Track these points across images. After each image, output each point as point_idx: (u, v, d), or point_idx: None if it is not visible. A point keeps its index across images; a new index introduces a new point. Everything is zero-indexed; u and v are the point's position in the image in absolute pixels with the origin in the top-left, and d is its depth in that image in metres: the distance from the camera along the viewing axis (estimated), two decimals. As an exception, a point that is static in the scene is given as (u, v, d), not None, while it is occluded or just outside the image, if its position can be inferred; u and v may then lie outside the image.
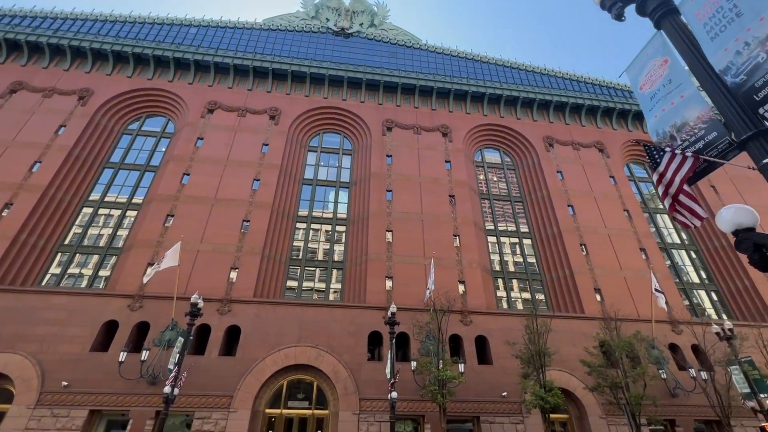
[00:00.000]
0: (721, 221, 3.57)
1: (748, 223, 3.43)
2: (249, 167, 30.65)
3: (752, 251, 3.32)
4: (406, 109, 37.49)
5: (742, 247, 3.41)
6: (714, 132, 3.79)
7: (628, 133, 39.89)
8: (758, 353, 24.09)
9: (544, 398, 19.44)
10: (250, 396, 21.07)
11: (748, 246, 3.35)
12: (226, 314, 23.60)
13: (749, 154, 3.41)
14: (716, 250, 33.74)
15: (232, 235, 27.03)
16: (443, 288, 24.83)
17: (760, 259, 3.30)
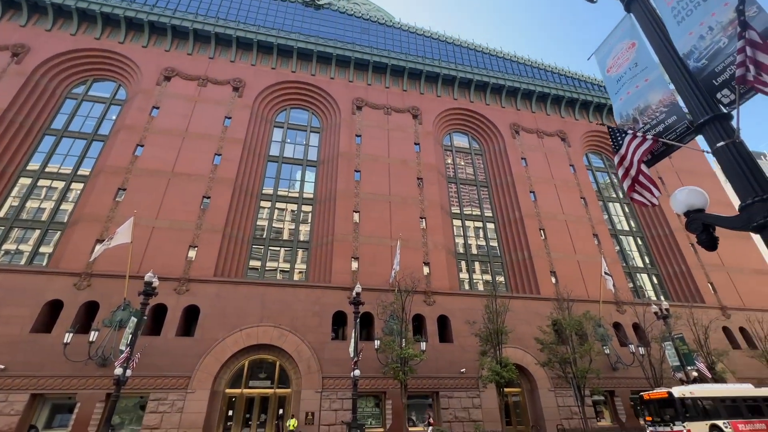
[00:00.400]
0: (674, 202, 3.71)
1: (698, 204, 3.59)
2: (210, 141, 29.05)
3: (701, 231, 3.48)
4: (377, 88, 36.79)
5: (692, 227, 3.57)
6: (674, 116, 3.91)
7: (588, 124, 41.56)
8: (689, 331, 26.67)
9: (500, 373, 20.51)
10: (210, 376, 20.60)
11: (697, 226, 3.51)
12: (184, 294, 22.67)
13: (705, 137, 3.53)
14: (659, 237, 36.45)
15: (191, 211, 25.73)
16: (408, 269, 25.18)
17: (708, 239, 3.47)
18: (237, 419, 20.95)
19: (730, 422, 18.30)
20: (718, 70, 3.47)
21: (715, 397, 19.13)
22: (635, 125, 4.35)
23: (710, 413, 18.49)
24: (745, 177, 3.15)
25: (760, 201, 3.01)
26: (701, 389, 19.66)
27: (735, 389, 20.73)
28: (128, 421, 19.49)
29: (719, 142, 3.36)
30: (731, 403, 19.33)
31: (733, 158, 3.24)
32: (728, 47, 3.35)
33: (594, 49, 5.07)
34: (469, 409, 22.91)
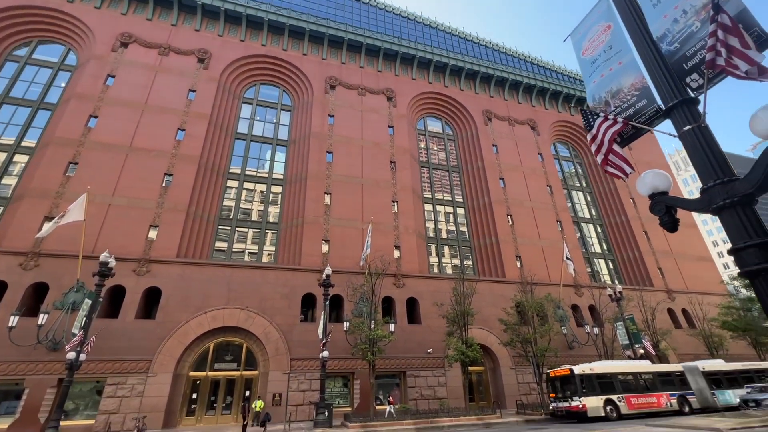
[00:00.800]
0: (641, 184, 3.80)
1: (662, 187, 3.69)
2: (172, 115, 27.37)
3: (663, 213, 3.59)
4: (352, 68, 35.86)
5: (655, 209, 3.68)
6: (644, 99, 3.97)
7: (557, 114, 42.70)
8: (638, 312, 28.62)
9: (465, 353, 21.23)
10: (172, 359, 19.98)
11: (660, 208, 3.62)
12: (145, 275, 21.65)
13: (672, 121, 3.61)
14: (616, 225, 38.54)
15: (151, 189, 24.35)
16: (379, 252, 25.25)
17: (670, 221, 3.59)
18: (201, 402, 20.57)
19: (625, 396, 19.34)
20: (689, 54, 3.53)
21: (613, 374, 20.02)
22: (607, 108, 4.40)
23: (606, 389, 19.31)
24: (707, 160, 3.25)
25: (720, 184, 3.12)
26: (601, 366, 20.49)
27: (632, 365, 21.53)
28: (83, 406, 18.64)
29: (686, 126, 3.44)
30: (628, 378, 20.32)
31: (698, 142, 3.33)
32: (700, 31, 3.41)
33: (570, 33, 5.05)
34: (434, 387, 23.67)
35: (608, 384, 19.59)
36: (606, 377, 19.75)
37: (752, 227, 2.93)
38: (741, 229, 2.97)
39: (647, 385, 20.65)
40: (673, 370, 22.13)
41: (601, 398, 18.80)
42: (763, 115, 2.84)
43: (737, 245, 2.98)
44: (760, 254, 2.85)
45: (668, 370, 22.14)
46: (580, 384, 18.86)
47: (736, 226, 3.01)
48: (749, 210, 2.97)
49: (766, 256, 2.82)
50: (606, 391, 19.25)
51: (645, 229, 37.81)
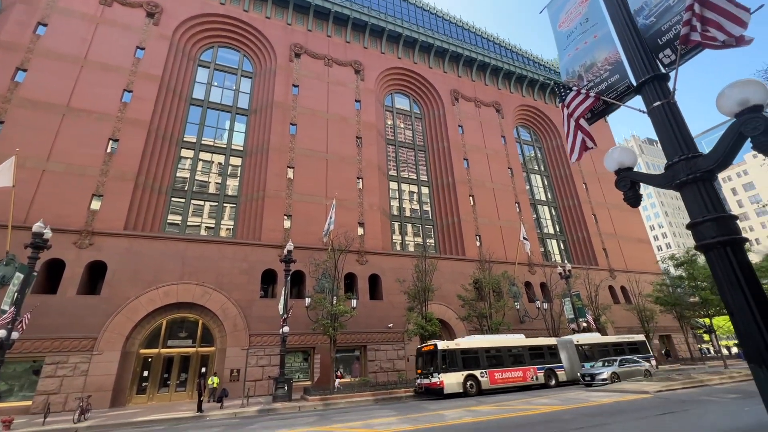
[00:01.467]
0: (608, 160, 3.86)
1: (628, 163, 3.76)
2: (117, 74, 24.84)
3: (628, 188, 3.66)
4: (318, 36, 34.17)
5: (621, 184, 3.75)
6: (617, 74, 3.99)
7: (522, 98, 43.63)
8: (584, 289, 30.79)
9: (425, 327, 21.90)
10: (120, 337, 18.92)
11: (626, 183, 3.69)
12: (87, 248, 20.03)
13: (642, 97, 3.65)
14: (569, 208, 40.75)
15: (93, 155, 22.23)
16: (343, 228, 25.02)
17: (633, 196, 3.69)
18: (153, 379, 19.80)
19: (488, 371, 18.89)
20: (664, 28, 3.54)
21: (479, 348, 19.46)
22: (580, 82, 4.39)
23: (470, 364, 18.76)
24: (674, 136, 3.31)
25: (684, 159, 3.20)
26: (468, 341, 20.03)
27: (502, 340, 21.10)
28: (18, 387, 17.29)
29: (655, 102, 3.48)
30: (495, 353, 19.87)
31: (666, 118, 3.39)
32: (677, 5, 3.40)
33: (546, 4, 4.95)
34: (393, 360, 24.35)
35: (473, 359, 19.03)
36: (471, 352, 19.21)
37: (711, 202, 3.03)
38: (700, 205, 3.07)
39: (517, 359, 20.30)
40: (545, 344, 22.16)
41: (463, 374, 18.23)
42: (730, 92, 2.89)
43: (696, 219, 3.08)
44: (716, 228, 2.97)
45: (540, 344, 22.00)
46: (441, 360, 18.10)
47: (696, 201, 3.11)
48: (709, 186, 3.07)
49: (721, 231, 2.94)
50: (470, 366, 18.70)
51: (594, 212, 40.31)
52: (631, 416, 9.70)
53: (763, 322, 2.67)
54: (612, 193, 43.12)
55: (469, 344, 19.63)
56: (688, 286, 28.57)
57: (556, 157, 43.37)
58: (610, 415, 9.95)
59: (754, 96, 2.80)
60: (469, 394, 17.99)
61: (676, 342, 36.57)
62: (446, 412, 12.22)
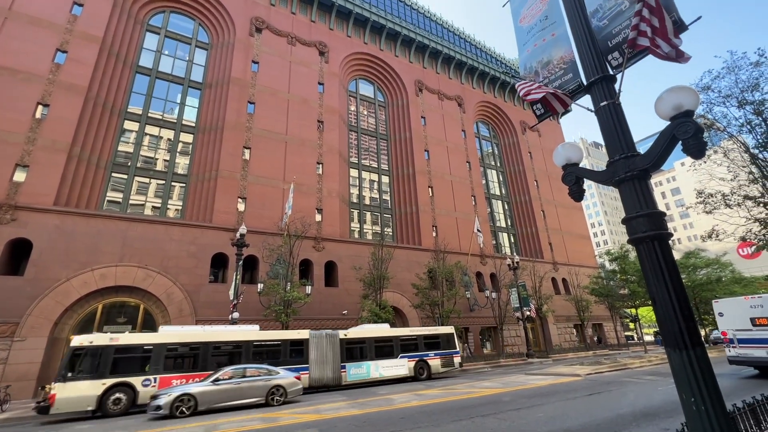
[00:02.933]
0: (556, 155, 4.03)
1: (575, 158, 3.96)
2: (49, 30, 22.16)
3: (573, 183, 3.85)
4: (282, 12, 32.60)
5: (566, 179, 3.94)
6: (570, 73, 4.16)
7: (483, 94, 44.75)
8: (530, 280, 32.66)
9: (378, 314, 22.18)
10: (48, 322, 17.31)
11: (571, 178, 3.88)
12: (8, 224, 17.97)
13: (591, 96, 3.83)
14: (520, 204, 42.81)
15: (18, 121, 19.81)
16: (300, 213, 24.49)
17: (577, 190, 3.90)
18: (86, 368, 18.34)
19: (159, 377, 13.45)
20: (615, 31, 3.72)
21: (133, 346, 13.60)
22: (536, 78, 4.53)
23: (112, 368, 12.93)
24: (617, 136, 3.52)
25: (624, 158, 3.41)
26: (128, 337, 14.03)
27: (184, 333, 14.91)
28: None
29: (602, 102, 3.66)
30: (181, 351, 14.50)
31: (611, 118, 3.58)
32: (629, 10, 3.58)
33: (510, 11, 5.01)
34: (347, 347, 24.44)
35: (134, 360, 13.51)
36: (130, 350, 13.55)
37: (644, 199, 3.26)
38: (635, 201, 3.29)
39: (202, 360, 14.51)
40: (287, 338, 16.66)
41: (103, 383, 12.49)
42: (666, 96, 3.10)
43: (630, 215, 3.31)
44: (646, 223, 3.20)
45: (272, 338, 16.46)
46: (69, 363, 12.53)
47: (631, 197, 3.33)
48: (644, 184, 3.30)
49: (651, 226, 3.18)
50: (116, 371, 12.96)
51: (543, 209, 42.68)
52: (563, 397, 10.52)
53: (680, 311, 2.94)
54: (559, 191, 45.84)
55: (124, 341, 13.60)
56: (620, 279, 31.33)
57: (512, 154, 45.20)
58: (544, 396, 10.72)
59: (686, 101, 3.03)
60: None
61: (607, 330, 40.10)
62: (395, 396, 12.54)
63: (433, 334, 20.83)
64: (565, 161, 3.97)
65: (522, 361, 26.14)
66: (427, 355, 19.69)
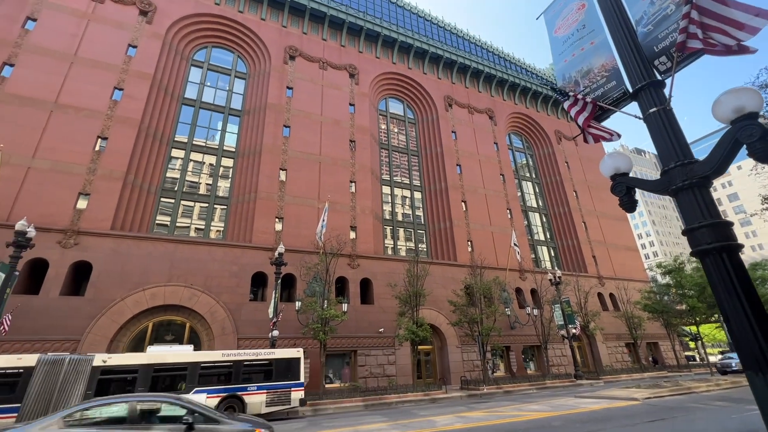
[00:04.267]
0: (603, 166, 3.87)
1: (624, 168, 3.78)
2: (108, 71, 24.48)
3: (624, 193, 3.67)
4: (314, 39, 34.17)
5: (616, 189, 3.76)
6: (613, 81, 4.02)
7: (514, 106, 44.12)
8: (573, 295, 31.04)
9: (416, 332, 21.80)
10: (105, 339, 18.46)
11: (621, 188, 3.70)
12: (72, 248, 19.56)
13: (639, 104, 3.67)
14: (559, 215, 41.17)
15: (81, 153, 21.81)
16: (335, 232, 24.88)
17: (628, 201, 3.69)
18: (138, 384, 19.26)
19: None
20: (661, 36, 3.58)
21: None
22: (576, 88, 4.41)
23: None
24: (670, 142, 3.33)
25: (680, 165, 3.21)
26: None
27: None
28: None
29: (651, 109, 3.50)
30: None
31: (662, 124, 3.41)
32: (675, 14, 3.44)
33: (543, 10, 4.97)
34: (384, 366, 24.17)
35: None
36: None
37: (706, 208, 3.05)
38: (696, 210, 3.08)
39: None
40: None
41: None
42: (726, 99, 2.91)
43: (691, 225, 3.09)
44: (711, 234, 2.97)
45: None
46: None
47: (691, 207, 3.12)
48: (705, 192, 3.08)
49: (717, 237, 2.95)
50: None
51: (584, 220, 40.78)
52: (621, 423, 9.73)
53: (758, 328, 2.67)
54: (601, 201, 43.73)
55: None
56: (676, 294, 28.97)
57: (548, 165, 43.87)
58: (600, 422, 9.97)
59: (749, 103, 2.83)
60: None
61: (663, 349, 37.01)
62: (437, 419, 12.13)
63: (262, 359, 15.72)
64: (613, 171, 3.79)
65: (570, 383, 24.59)
66: (245, 389, 14.77)
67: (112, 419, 6.47)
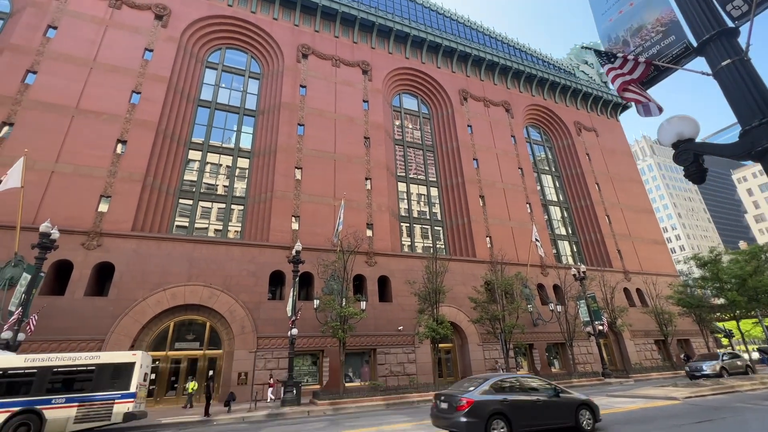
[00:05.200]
0: (662, 133, 3.37)
1: (688, 133, 3.28)
2: (126, 75, 24.85)
3: (691, 162, 3.17)
4: (326, 37, 34.00)
5: (681, 158, 3.27)
6: (672, 36, 3.53)
7: (531, 98, 42.96)
8: (599, 290, 29.93)
9: (436, 330, 21.32)
10: (127, 339, 18.67)
11: (687, 157, 3.20)
12: (95, 249, 19.88)
13: (706, 58, 3.17)
14: (581, 209, 39.85)
15: (102, 156, 22.18)
16: (351, 229, 24.60)
17: (697, 171, 3.19)
18: (161, 383, 19.50)
19: None
20: (735, -25, 3.07)
21: None
22: (626, 48, 3.92)
23: None
24: (751, 97, 2.83)
25: (765, 124, 2.71)
26: None
27: None
28: (26, 389, 17.02)
29: (723, 61, 3.00)
30: None
31: (740, 77, 2.91)
32: (754, -54, 2.93)
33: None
34: (404, 364, 23.78)
35: None
36: None
37: (802, 171, 2.54)
38: (789, 174, 2.57)
39: None
40: None
41: None
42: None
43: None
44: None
45: None
46: None
47: (782, 170, 2.61)
48: (800, 151, 2.57)
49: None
50: None
51: (607, 213, 39.39)
52: (665, 424, 9.07)
53: None
54: (624, 193, 42.16)
55: None
56: (713, 287, 27.43)
57: (567, 157, 42.56)
58: (641, 423, 9.33)
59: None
60: None
61: (696, 346, 35.33)
62: (462, 418, 11.65)
63: (81, 365, 12.75)
64: (675, 138, 3.30)
65: (598, 381, 23.65)
66: (48, 402, 11.87)
67: (511, 387, 9.37)
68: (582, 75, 49.01)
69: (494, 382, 9.13)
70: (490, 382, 9.09)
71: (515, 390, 9.22)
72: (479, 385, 8.98)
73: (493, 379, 9.27)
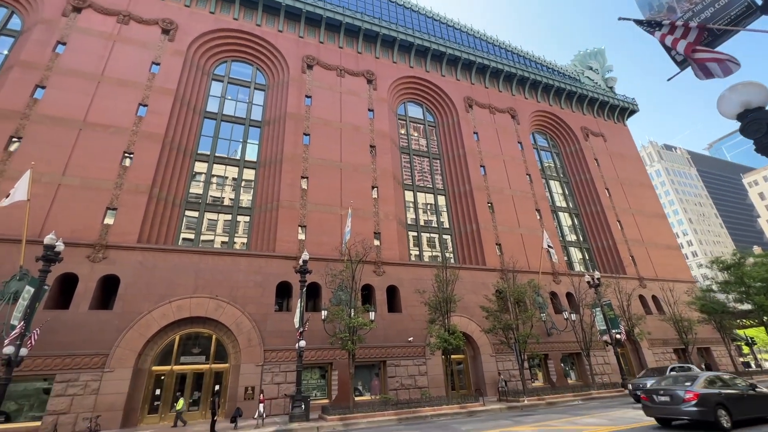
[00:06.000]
0: (726, 103, 2.95)
1: (757, 101, 2.86)
2: (133, 89, 25.02)
3: (763, 133, 2.74)
4: (330, 47, 34.22)
5: (750, 129, 2.84)
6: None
7: (537, 104, 42.75)
8: (615, 298, 29.06)
9: (448, 340, 20.62)
10: (132, 353, 18.25)
11: (759, 127, 2.78)
12: (100, 262, 19.64)
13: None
14: (592, 215, 39.15)
15: (108, 169, 22.14)
16: (359, 238, 24.17)
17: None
18: (166, 398, 18.95)
19: None
20: None
21: None
22: (671, 15, 3.53)
23: None
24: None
25: None
26: None
27: None
28: (28, 407, 16.67)
29: (800, 15, 2.59)
30: None
31: (824, 30, 2.49)
32: None
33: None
34: (415, 377, 23.03)
35: None
36: None
37: None
38: None
39: None
40: None
41: None
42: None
43: None
44: None
45: None
46: None
47: None
48: None
49: None
50: None
51: (619, 218, 38.63)
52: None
53: None
54: (636, 198, 41.43)
55: None
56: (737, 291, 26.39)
57: (576, 163, 42.04)
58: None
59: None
60: None
61: (717, 355, 34.05)
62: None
63: None
64: (741, 108, 2.88)
65: (618, 392, 22.67)
66: None
67: (722, 383, 10.88)
68: (587, 81, 48.81)
69: (707, 377, 10.75)
70: (703, 377, 10.72)
71: (724, 385, 10.75)
72: (694, 381, 10.56)
73: (704, 375, 10.89)
